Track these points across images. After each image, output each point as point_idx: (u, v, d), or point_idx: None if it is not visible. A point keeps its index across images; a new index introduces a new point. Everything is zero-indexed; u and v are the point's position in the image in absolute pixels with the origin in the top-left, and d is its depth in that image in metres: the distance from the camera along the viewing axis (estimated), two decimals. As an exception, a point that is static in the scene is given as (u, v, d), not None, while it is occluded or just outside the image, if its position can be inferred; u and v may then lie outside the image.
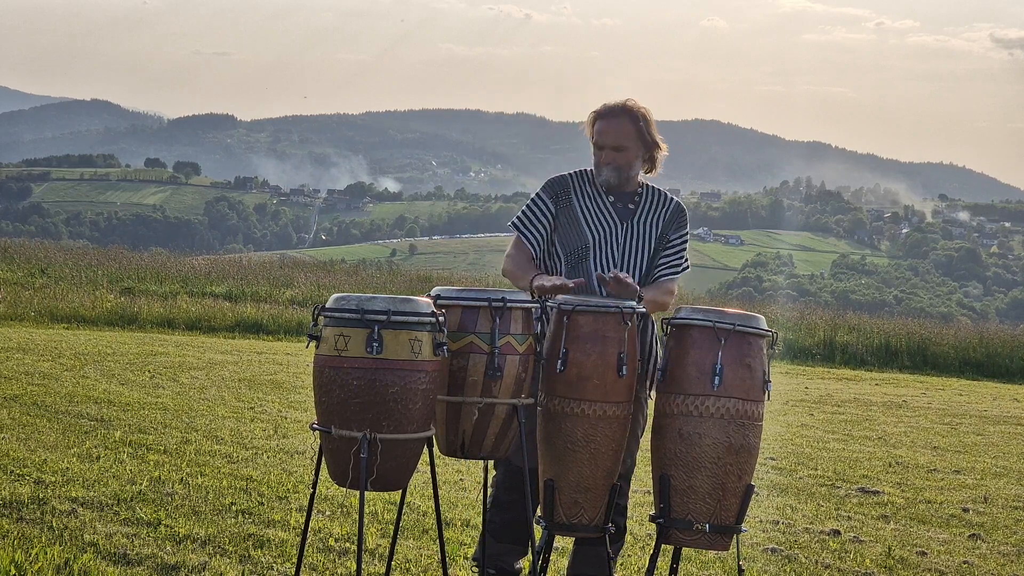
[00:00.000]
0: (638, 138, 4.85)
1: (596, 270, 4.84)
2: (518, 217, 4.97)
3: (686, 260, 5.01)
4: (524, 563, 5.02)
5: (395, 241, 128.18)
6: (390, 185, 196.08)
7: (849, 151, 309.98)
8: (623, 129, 4.83)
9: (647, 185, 4.98)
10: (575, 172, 5.00)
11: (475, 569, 5.01)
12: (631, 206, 4.92)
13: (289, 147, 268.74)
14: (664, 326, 4.49)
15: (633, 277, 4.84)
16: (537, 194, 4.98)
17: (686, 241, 5.02)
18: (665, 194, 5.00)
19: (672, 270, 4.94)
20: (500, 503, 4.83)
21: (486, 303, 4.27)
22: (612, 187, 4.90)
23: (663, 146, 4.94)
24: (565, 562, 5.10)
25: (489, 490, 4.92)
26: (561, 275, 4.86)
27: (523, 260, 4.91)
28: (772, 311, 25.16)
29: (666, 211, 4.95)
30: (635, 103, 4.87)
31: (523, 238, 4.92)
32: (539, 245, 4.91)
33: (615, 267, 4.85)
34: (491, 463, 4.85)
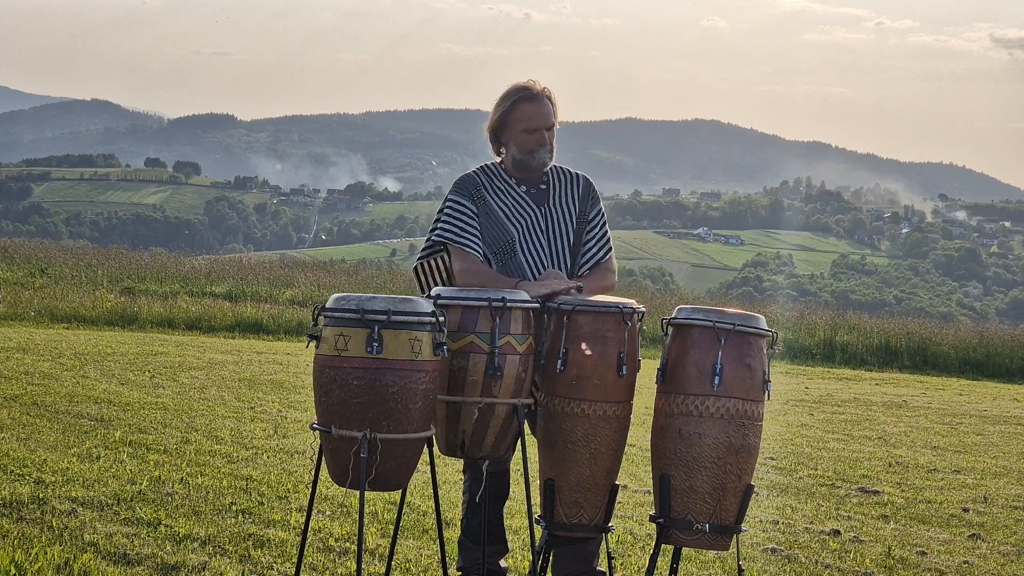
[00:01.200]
0: (555, 116, 4.81)
1: (526, 263, 4.76)
2: (446, 228, 4.76)
3: (610, 236, 4.97)
4: (507, 561, 5.03)
5: (395, 241, 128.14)
6: (390, 185, 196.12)
7: (849, 151, 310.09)
8: (550, 108, 4.76)
9: (552, 165, 4.91)
10: (479, 168, 4.90)
11: None
12: (543, 187, 4.86)
13: (289, 147, 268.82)
14: (664, 326, 4.49)
15: (560, 260, 4.80)
16: (452, 199, 4.80)
17: (604, 215, 4.97)
18: (570, 171, 4.93)
19: (605, 250, 4.91)
20: (475, 505, 4.82)
21: (486, 303, 4.27)
22: (536, 169, 4.80)
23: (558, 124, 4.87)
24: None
25: (463, 496, 4.92)
26: None
27: (482, 268, 4.73)
28: (772, 311, 25.16)
29: (577, 188, 4.90)
30: (537, 82, 4.80)
31: (464, 248, 4.74)
32: (481, 248, 4.77)
33: (543, 255, 4.78)
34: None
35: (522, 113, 4.73)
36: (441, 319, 4.10)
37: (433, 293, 4.39)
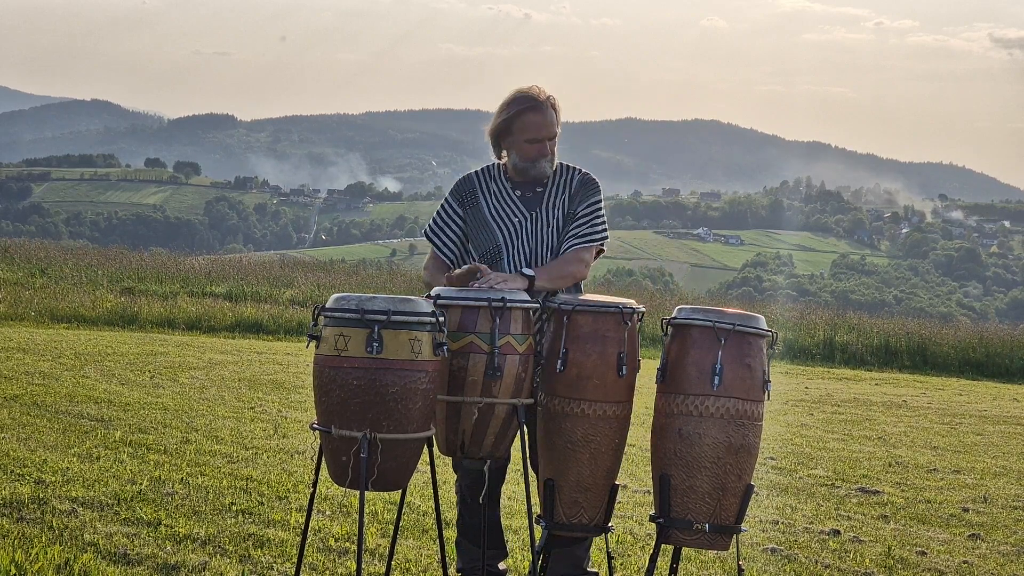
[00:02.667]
0: (558, 124, 4.78)
1: (510, 269, 4.74)
2: (430, 227, 4.89)
3: (602, 228, 4.81)
4: (506, 563, 5.02)
5: (395, 241, 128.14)
6: (390, 185, 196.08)
7: (849, 151, 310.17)
8: (553, 117, 4.72)
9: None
10: (482, 169, 4.90)
11: None
12: (539, 190, 4.81)
13: (289, 147, 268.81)
14: (664, 326, 4.49)
15: (543, 263, 4.73)
16: (445, 199, 4.88)
17: (598, 209, 4.82)
18: (571, 169, 4.86)
19: (580, 240, 4.74)
20: (468, 505, 4.82)
21: (486, 303, 4.27)
22: (537, 178, 4.77)
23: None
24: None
25: (455, 495, 4.92)
26: None
27: (437, 270, 4.82)
28: (772, 311, 25.17)
29: (570, 185, 4.82)
30: (543, 89, 4.76)
31: (435, 249, 4.85)
32: (452, 252, 4.83)
33: (528, 262, 4.74)
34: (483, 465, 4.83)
35: (526, 123, 4.68)
36: (441, 319, 4.10)
37: (433, 293, 4.40)
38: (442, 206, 4.88)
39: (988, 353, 20.32)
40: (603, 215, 4.84)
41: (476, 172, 4.90)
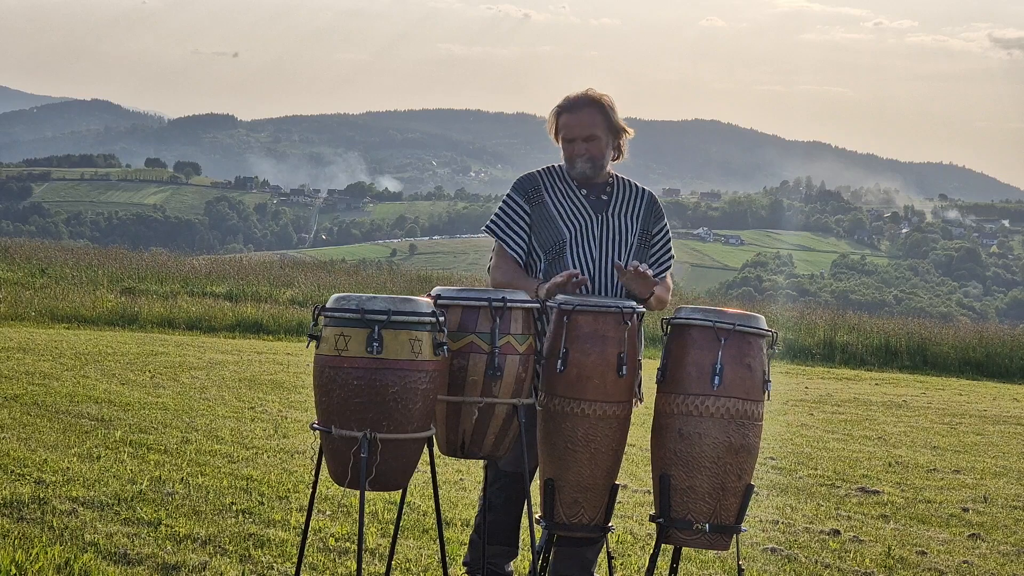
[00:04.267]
0: (606, 126, 4.80)
1: (574, 266, 4.79)
2: (494, 222, 4.89)
3: (672, 252, 5.04)
4: (513, 565, 5.03)
5: (395, 241, 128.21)
6: (390, 185, 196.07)
7: (848, 151, 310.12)
8: (591, 119, 4.78)
9: (617, 176, 4.95)
10: (544, 169, 4.94)
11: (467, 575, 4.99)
12: (604, 197, 4.88)
13: (289, 147, 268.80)
14: (664, 326, 4.49)
15: (607, 265, 4.81)
16: (509, 195, 4.90)
17: (668, 232, 5.02)
18: (636, 185, 4.97)
19: (664, 267, 4.98)
20: (491, 504, 4.83)
21: (486, 303, 4.27)
22: (587, 179, 4.85)
23: (629, 131, 4.89)
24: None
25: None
26: (540, 274, 4.82)
27: (512, 269, 4.83)
28: (772, 311, 25.17)
29: (641, 202, 4.92)
30: (596, 92, 4.83)
31: (504, 245, 4.85)
32: (522, 248, 4.84)
33: (593, 261, 4.81)
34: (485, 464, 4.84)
35: (561, 123, 4.83)
36: (441, 319, 4.10)
37: (433, 293, 4.40)
38: (505, 202, 4.88)
39: (988, 353, 20.32)
40: (671, 236, 5.06)
41: (540, 171, 4.96)
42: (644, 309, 4.54)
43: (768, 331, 4.40)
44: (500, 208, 4.90)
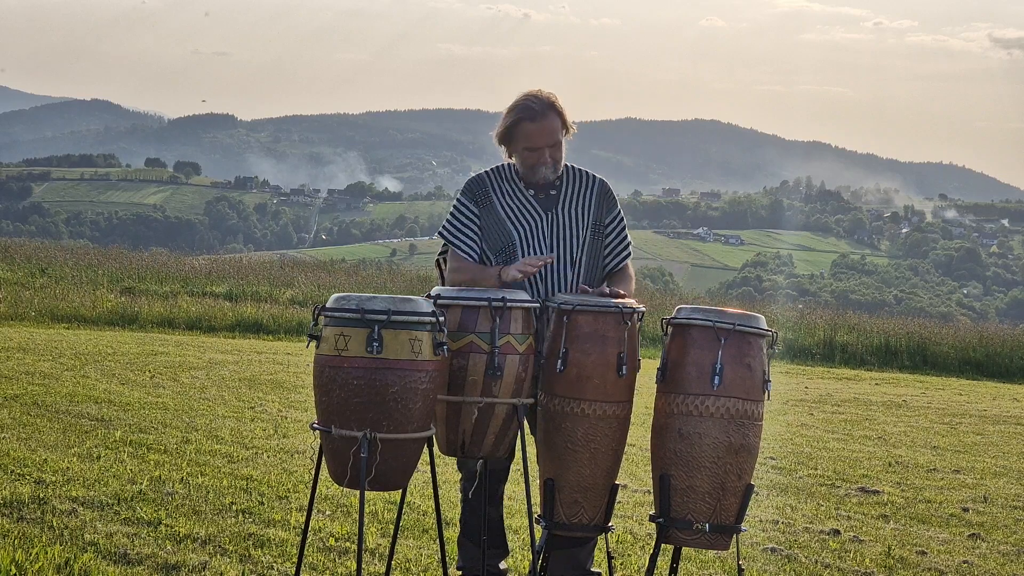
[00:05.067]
0: (563, 127, 4.76)
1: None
2: (446, 227, 4.85)
3: (629, 240, 4.94)
4: (507, 562, 5.02)
5: (395, 241, 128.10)
6: (390, 185, 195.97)
7: (848, 151, 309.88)
8: (553, 124, 4.71)
9: (568, 166, 4.88)
10: (492, 169, 4.90)
11: None
12: (553, 192, 4.82)
13: (289, 147, 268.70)
14: (664, 326, 4.49)
15: (567, 266, 4.76)
16: (458, 199, 4.86)
17: (623, 221, 4.94)
18: (587, 173, 4.90)
19: (620, 257, 4.89)
20: (471, 504, 4.82)
21: (486, 303, 4.27)
22: (547, 181, 4.79)
23: (573, 127, 4.81)
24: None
25: (460, 494, 4.92)
26: None
27: (468, 266, 4.77)
28: (772, 311, 25.17)
29: (592, 193, 4.86)
30: (546, 92, 4.76)
31: (457, 250, 4.81)
32: (475, 252, 4.80)
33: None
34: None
35: (523, 132, 4.71)
36: (441, 319, 4.10)
37: (433, 293, 4.40)
38: (455, 207, 4.85)
39: (988, 353, 20.32)
40: (624, 224, 4.96)
41: (487, 172, 4.90)
42: (644, 309, 4.54)
43: (768, 331, 4.40)
44: (451, 213, 4.86)
